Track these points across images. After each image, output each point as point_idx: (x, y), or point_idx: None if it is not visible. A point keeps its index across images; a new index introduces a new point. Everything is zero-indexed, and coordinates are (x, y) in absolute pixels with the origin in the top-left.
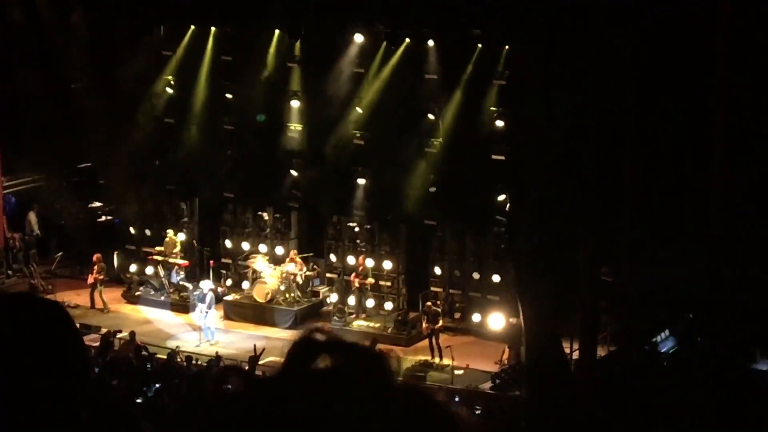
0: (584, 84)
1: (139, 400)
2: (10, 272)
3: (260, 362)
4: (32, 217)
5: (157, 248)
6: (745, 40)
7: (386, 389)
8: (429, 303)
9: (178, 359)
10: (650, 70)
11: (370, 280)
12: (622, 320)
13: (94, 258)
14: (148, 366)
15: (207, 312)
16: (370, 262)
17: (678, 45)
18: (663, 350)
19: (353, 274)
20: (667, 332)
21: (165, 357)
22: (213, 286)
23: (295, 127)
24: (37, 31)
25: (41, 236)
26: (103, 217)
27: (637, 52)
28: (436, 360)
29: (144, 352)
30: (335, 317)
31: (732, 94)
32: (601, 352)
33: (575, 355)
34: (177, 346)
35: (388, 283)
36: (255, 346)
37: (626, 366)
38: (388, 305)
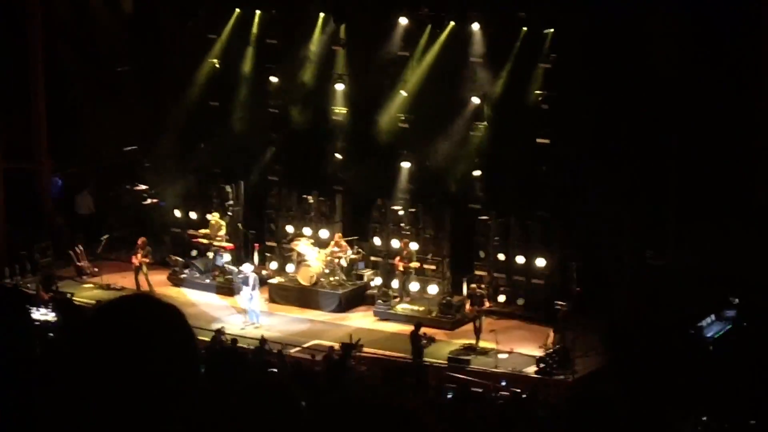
0: (628, 64)
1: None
2: (56, 254)
3: (306, 345)
4: (87, 197)
5: (202, 231)
6: None
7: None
8: (473, 285)
9: (223, 339)
10: (694, 45)
11: (415, 264)
12: (667, 304)
13: (139, 241)
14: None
15: (252, 295)
16: (414, 246)
17: (723, 16)
18: (708, 335)
19: (397, 258)
20: (713, 316)
21: (209, 339)
22: (255, 269)
23: (340, 110)
24: (82, 17)
25: (95, 216)
26: (149, 200)
27: (682, 25)
28: (480, 343)
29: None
30: (379, 301)
31: None
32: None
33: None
34: (222, 327)
35: (433, 267)
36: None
37: (671, 350)
38: (433, 289)
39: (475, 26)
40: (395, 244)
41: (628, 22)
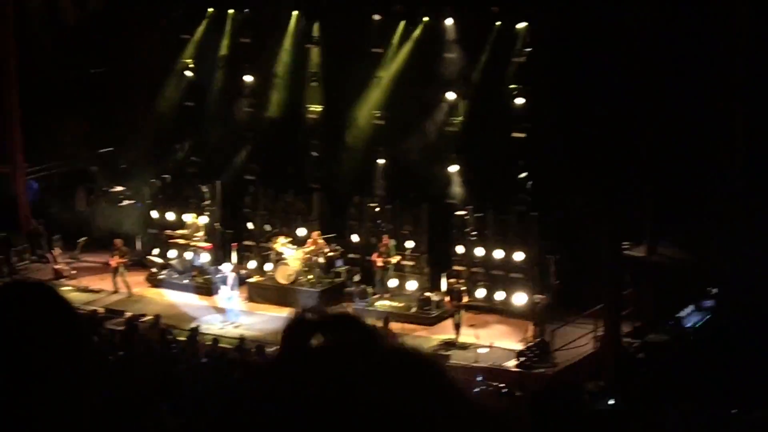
0: (603, 56)
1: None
2: (34, 257)
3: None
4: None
5: (180, 232)
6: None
7: (378, 357)
8: (452, 280)
9: (201, 340)
10: (671, 35)
11: (396, 258)
12: (647, 296)
13: (116, 242)
14: (173, 348)
15: (230, 294)
16: (392, 242)
17: (699, 11)
18: (688, 325)
19: (375, 254)
20: (692, 307)
21: (186, 338)
22: (233, 268)
23: (315, 108)
24: (55, 17)
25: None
26: (125, 202)
27: (657, 14)
28: (460, 338)
29: (168, 336)
30: (358, 298)
31: (754, 59)
32: (625, 327)
33: (599, 331)
34: (198, 326)
35: (411, 263)
36: None
37: (650, 342)
38: (411, 285)
39: (449, 21)
40: (373, 240)
41: (602, 13)
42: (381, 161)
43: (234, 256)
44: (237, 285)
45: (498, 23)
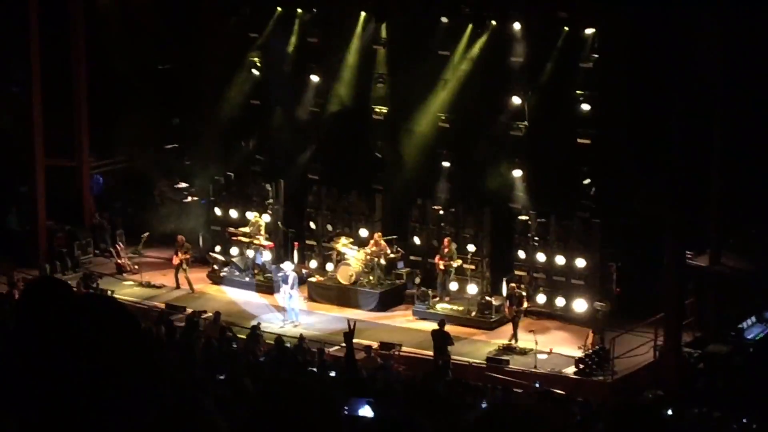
0: (671, 64)
1: (222, 377)
2: (97, 251)
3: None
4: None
5: (242, 229)
6: None
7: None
8: (513, 285)
9: (262, 339)
10: (740, 43)
11: (457, 261)
12: (709, 305)
13: (178, 239)
14: (233, 345)
15: (291, 293)
16: (454, 245)
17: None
18: (749, 337)
19: (437, 257)
20: (753, 318)
21: (246, 336)
22: (295, 267)
23: (381, 109)
24: (126, 13)
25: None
26: (189, 198)
27: (725, 29)
28: (519, 343)
29: (228, 333)
30: (418, 300)
31: None
32: (686, 337)
33: (660, 340)
34: (258, 323)
35: (472, 267)
36: (348, 321)
37: (710, 352)
38: (472, 288)
39: (516, 26)
40: (435, 243)
41: (671, 21)
42: (445, 164)
43: (296, 256)
44: (297, 284)
45: (566, 28)
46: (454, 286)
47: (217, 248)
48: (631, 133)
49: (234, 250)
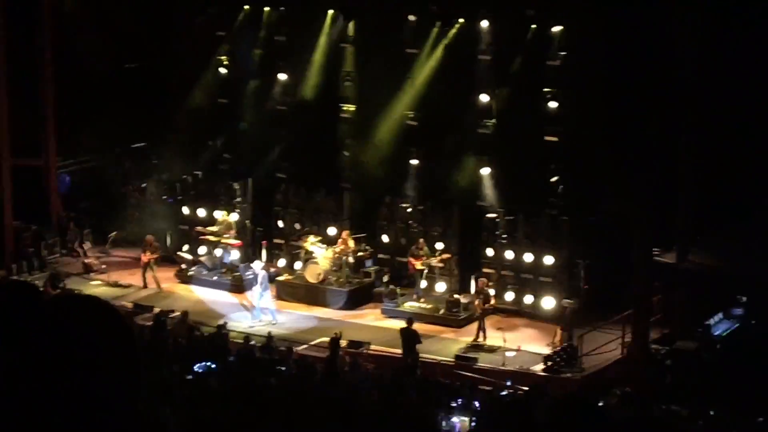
0: (639, 61)
1: (189, 377)
2: (64, 251)
3: (313, 343)
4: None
5: (210, 228)
6: None
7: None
8: (481, 282)
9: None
10: (709, 40)
11: (435, 260)
12: (676, 302)
13: (147, 238)
14: (199, 345)
15: (262, 293)
16: (424, 243)
17: (739, 18)
18: (716, 333)
19: (412, 257)
20: (721, 315)
21: (212, 333)
22: (264, 266)
23: (348, 107)
24: (93, 13)
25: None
26: (157, 197)
27: (695, 26)
28: (487, 341)
29: (196, 332)
30: (386, 298)
31: None
32: (654, 334)
33: (627, 337)
34: (225, 323)
35: (441, 265)
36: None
37: (678, 348)
38: (440, 286)
39: (484, 24)
40: (403, 241)
41: (639, 19)
42: (413, 162)
43: (264, 254)
44: (268, 283)
45: (533, 26)
46: (422, 284)
47: (185, 247)
48: (599, 130)
49: (202, 249)
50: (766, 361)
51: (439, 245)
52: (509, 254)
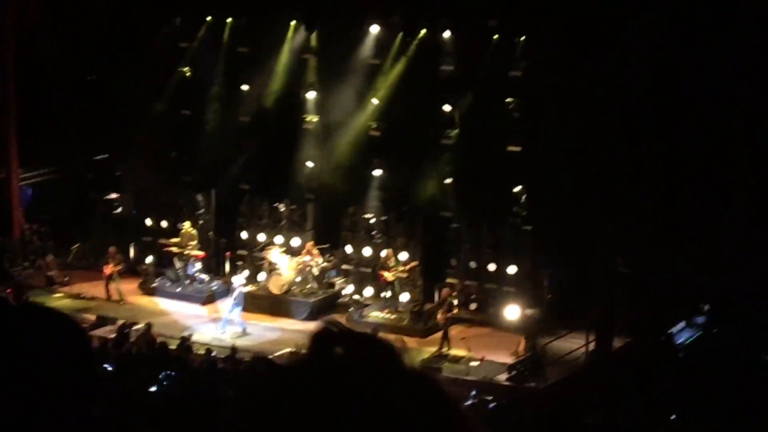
0: (601, 71)
1: (153, 389)
2: (26, 263)
3: (277, 354)
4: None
5: (174, 240)
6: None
7: (396, 376)
8: (445, 292)
9: (193, 350)
10: (668, 52)
11: (404, 270)
12: (638, 311)
13: (110, 250)
14: (163, 356)
15: (234, 306)
16: (401, 255)
17: (700, 28)
18: (679, 341)
19: (382, 269)
20: (684, 323)
21: (178, 346)
22: (245, 283)
23: (311, 118)
24: (55, 23)
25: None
26: (120, 209)
27: (657, 35)
28: (451, 351)
29: (159, 344)
30: (351, 308)
31: (754, 80)
32: (617, 343)
33: (591, 346)
34: (189, 334)
35: (404, 275)
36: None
37: (642, 357)
38: (404, 296)
39: (447, 34)
40: (367, 251)
41: (600, 29)
42: (376, 172)
43: (228, 266)
44: (243, 300)
45: (496, 36)
46: (386, 293)
47: (149, 259)
48: (561, 139)
49: (165, 261)
50: (728, 368)
51: (403, 255)
52: (473, 264)
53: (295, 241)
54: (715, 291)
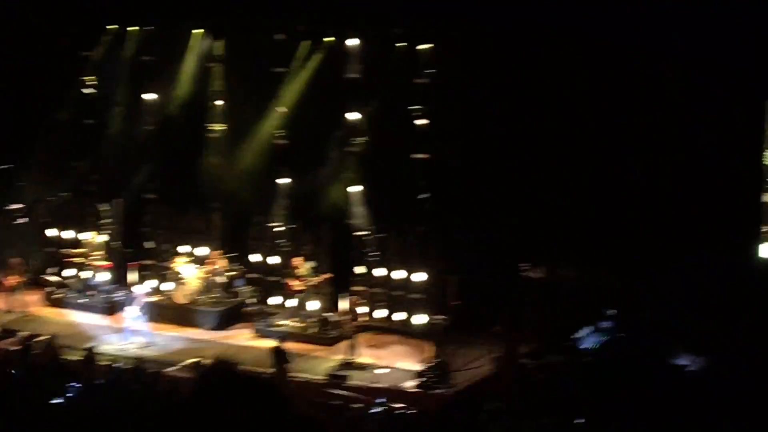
0: (506, 78)
1: (59, 401)
2: None
3: (183, 364)
4: None
5: (78, 250)
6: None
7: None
8: (352, 300)
9: (98, 361)
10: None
11: (316, 279)
12: (545, 316)
13: (13, 261)
14: (67, 368)
15: (138, 317)
16: (308, 264)
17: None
18: (585, 346)
19: (289, 278)
20: (589, 329)
21: (82, 358)
22: (147, 291)
23: (217, 127)
24: None
25: None
26: (21, 220)
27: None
28: (358, 359)
29: (63, 356)
30: (256, 318)
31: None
32: (523, 348)
33: (498, 351)
34: (94, 345)
35: (312, 283)
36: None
37: (547, 362)
38: (312, 305)
39: (352, 42)
40: (273, 260)
41: (507, 38)
42: (283, 181)
43: (134, 275)
44: (147, 310)
45: (401, 44)
46: (293, 302)
47: (52, 270)
48: (468, 147)
49: (70, 272)
50: (633, 372)
51: (310, 264)
52: (380, 272)
53: (201, 251)
54: (621, 296)
